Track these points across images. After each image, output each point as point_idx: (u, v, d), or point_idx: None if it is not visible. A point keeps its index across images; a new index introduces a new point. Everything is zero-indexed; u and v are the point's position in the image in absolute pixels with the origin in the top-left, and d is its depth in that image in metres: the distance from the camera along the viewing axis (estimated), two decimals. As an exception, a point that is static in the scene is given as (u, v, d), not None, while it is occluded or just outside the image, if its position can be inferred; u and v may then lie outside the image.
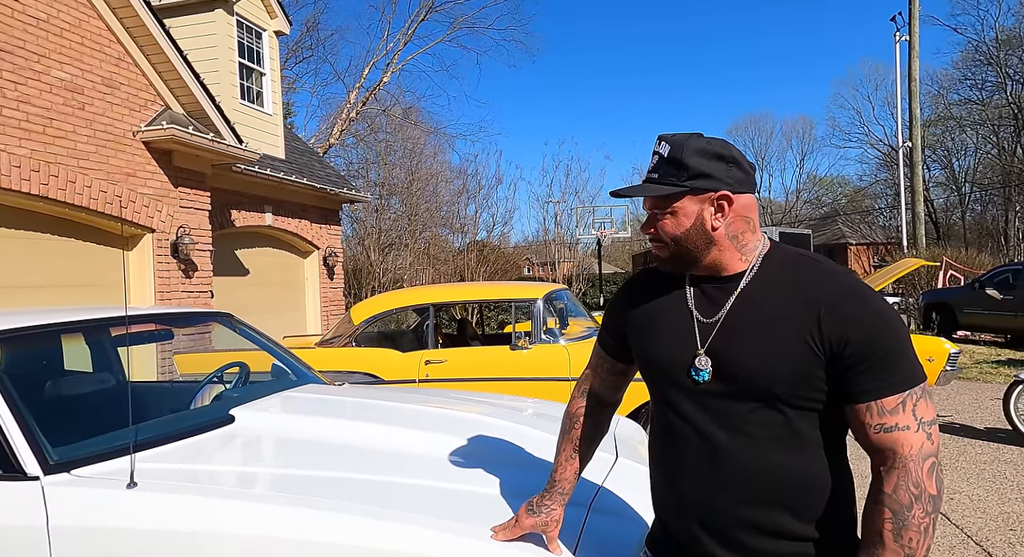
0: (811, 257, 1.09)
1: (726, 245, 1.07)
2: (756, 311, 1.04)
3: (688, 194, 1.05)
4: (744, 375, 1.02)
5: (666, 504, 1.15)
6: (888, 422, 0.96)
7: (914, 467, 0.95)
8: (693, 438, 1.08)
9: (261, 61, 9.08)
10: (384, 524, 1.41)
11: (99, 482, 1.60)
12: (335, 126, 14.73)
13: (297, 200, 9.23)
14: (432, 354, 4.38)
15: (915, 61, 12.88)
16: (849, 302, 0.99)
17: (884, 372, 0.97)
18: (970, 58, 32.54)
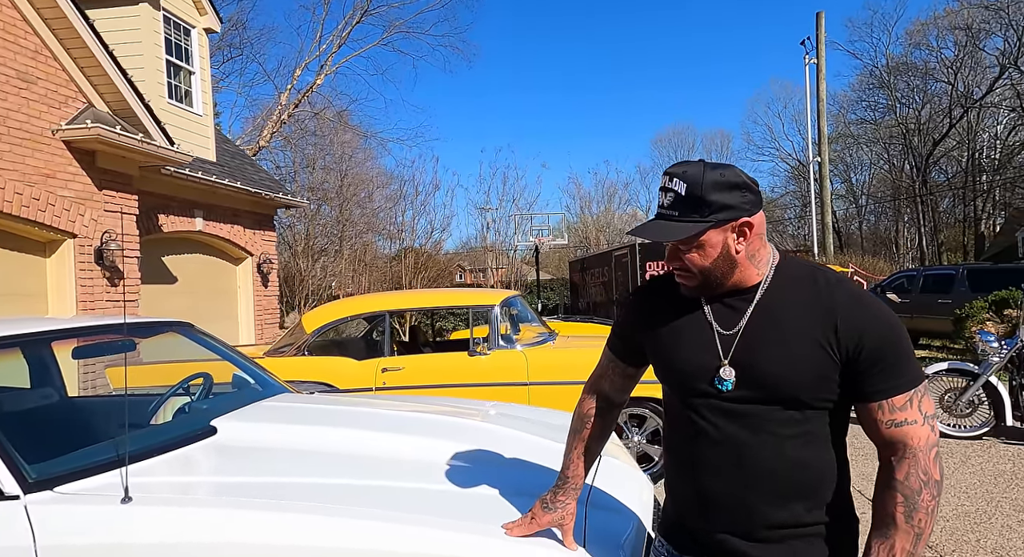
0: (818, 268, 1.17)
1: (746, 264, 1.14)
2: (774, 321, 1.11)
3: (712, 228, 1.10)
4: (770, 383, 1.09)
5: (687, 501, 1.20)
6: (898, 418, 1.07)
7: (923, 456, 1.06)
8: (717, 440, 1.13)
9: (190, 59, 8.68)
10: (402, 527, 1.44)
11: (89, 499, 1.54)
12: (265, 128, 14.21)
13: (229, 205, 8.86)
14: (389, 362, 4.36)
15: (823, 83, 14.03)
16: (862, 311, 1.08)
17: (894, 373, 1.07)
18: (865, 81, 35.63)
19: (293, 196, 10.24)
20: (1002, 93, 29.52)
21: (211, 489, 1.64)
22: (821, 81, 14.14)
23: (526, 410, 3.08)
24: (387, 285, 14.70)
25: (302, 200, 10.31)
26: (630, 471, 2.07)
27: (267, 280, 9.58)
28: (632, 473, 2.06)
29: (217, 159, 8.87)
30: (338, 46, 14.76)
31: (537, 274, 14.64)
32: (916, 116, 32.64)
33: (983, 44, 29.89)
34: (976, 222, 31.68)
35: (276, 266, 9.88)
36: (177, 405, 2.52)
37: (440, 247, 15.75)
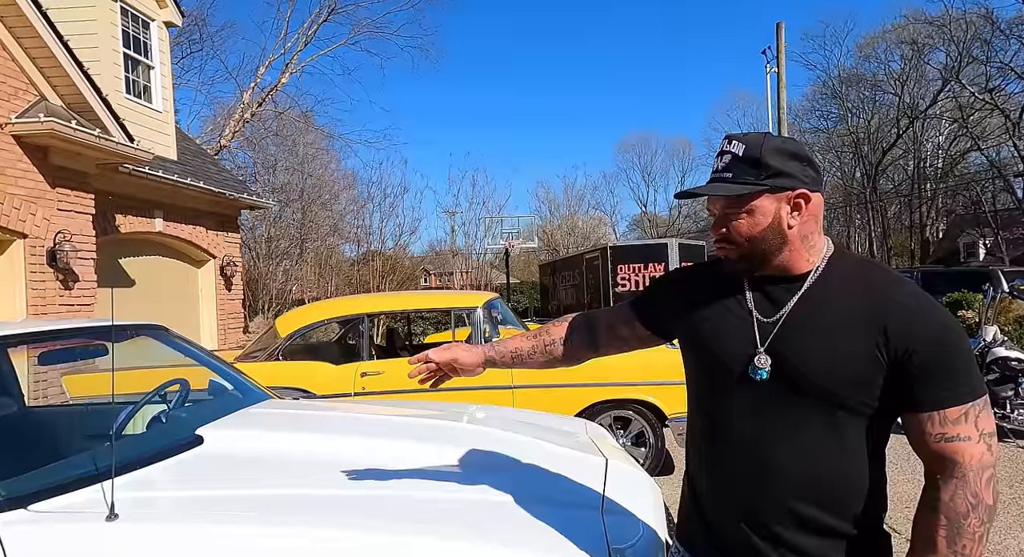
0: (877, 264, 1.10)
1: (797, 245, 1.06)
2: (819, 313, 1.03)
3: (767, 193, 1.03)
4: (806, 376, 1.01)
5: (707, 499, 1.14)
6: (950, 432, 0.97)
7: (973, 477, 0.96)
8: (741, 437, 1.07)
9: (149, 53, 8.33)
10: (398, 539, 1.37)
11: (70, 517, 1.41)
12: (226, 127, 13.74)
13: (191, 205, 8.52)
14: (368, 366, 4.23)
15: (783, 92, 14.47)
16: (917, 312, 0.99)
17: (949, 383, 0.97)
18: (819, 91, 36.95)
19: (258, 197, 9.93)
20: (945, 105, 31.01)
21: (202, 503, 1.52)
22: (782, 90, 14.58)
23: (514, 412, 3.03)
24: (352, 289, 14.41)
25: (269, 201, 10.00)
26: (639, 475, 2.03)
27: (231, 283, 9.25)
28: (641, 477, 2.02)
29: (178, 158, 8.53)
30: (304, 44, 14.46)
31: (507, 277, 14.60)
32: (866, 126, 34.00)
33: (927, 58, 31.36)
34: (922, 228, 33.13)
35: (240, 269, 9.55)
36: (151, 414, 2.37)
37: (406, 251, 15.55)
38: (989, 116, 28.66)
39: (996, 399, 4.90)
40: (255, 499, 1.56)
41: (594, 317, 1.35)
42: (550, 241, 31.23)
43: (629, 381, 4.12)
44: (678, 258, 10.75)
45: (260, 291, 13.09)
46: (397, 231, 14.66)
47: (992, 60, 27.78)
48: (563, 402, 4.05)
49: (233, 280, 9.28)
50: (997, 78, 27.83)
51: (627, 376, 4.14)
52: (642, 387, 4.12)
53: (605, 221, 38.11)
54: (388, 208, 14.67)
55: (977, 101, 28.03)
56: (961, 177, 31.29)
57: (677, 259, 10.73)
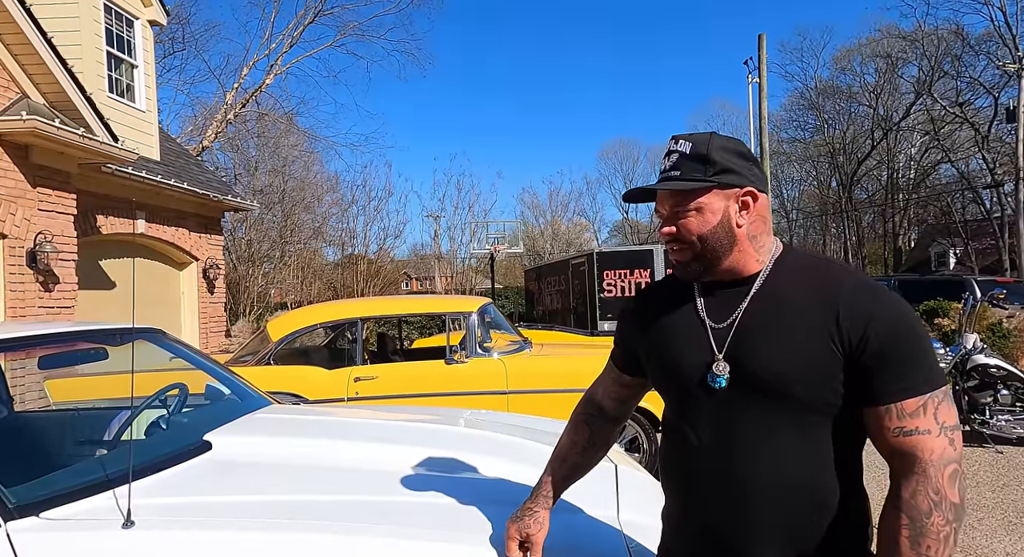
0: (826, 259, 1.07)
1: (746, 245, 1.03)
2: (771, 312, 1.00)
3: (715, 189, 1.01)
4: (766, 379, 0.97)
5: (677, 518, 1.11)
6: (908, 425, 0.92)
7: (934, 472, 0.90)
8: (708, 450, 1.03)
9: (133, 52, 8.19)
10: (423, 544, 1.37)
11: (84, 525, 1.38)
12: (208, 128, 13.54)
13: (174, 206, 8.38)
14: (362, 370, 4.20)
15: (764, 101, 14.76)
16: (868, 301, 0.96)
17: (904, 374, 0.93)
18: (796, 102, 37.74)
19: (241, 199, 9.80)
20: (917, 118, 31.86)
21: (218, 510, 1.50)
22: (763, 100, 14.86)
23: (516, 417, 3.02)
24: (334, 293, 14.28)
25: (253, 204, 9.88)
26: (649, 480, 2.04)
27: (213, 286, 9.11)
28: (651, 482, 2.03)
29: (161, 158, 8.39)
30: (289, 45, 14.32)
31: (492, 282, 14.59)
32: (842, 136, 34.76)
33: (901, 72, 32.22)
34: (895, 237, 33.92)
35: (223, 271, 9.41)
36: (149, 419, 2.32)
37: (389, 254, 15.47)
38: (959, 129, 29.52)
39: (976, 405, 5.04)
40: (271, 505, 1.54)
41: (594, 398, 1.31)
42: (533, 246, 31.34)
43: (623, 386, 4.14)
44: (663, 264, 10.87)
45: (241, 294, 12.89)
46: (382, 235, 14.58)
47: (962, 75, 28.65)
48: (558, 407, 4.05)
49: (216, 283, 9.14)
50: (967, 92, 28.72)
51: (621, 381, 4.17)
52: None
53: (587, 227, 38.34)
54: (372, 212, 14.60)
55: (948, 114, 28.87)
56: (932, 188, 32.15)
57: (662, 265, 10.84)
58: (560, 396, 4.12)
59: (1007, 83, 24.74)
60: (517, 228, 15.62)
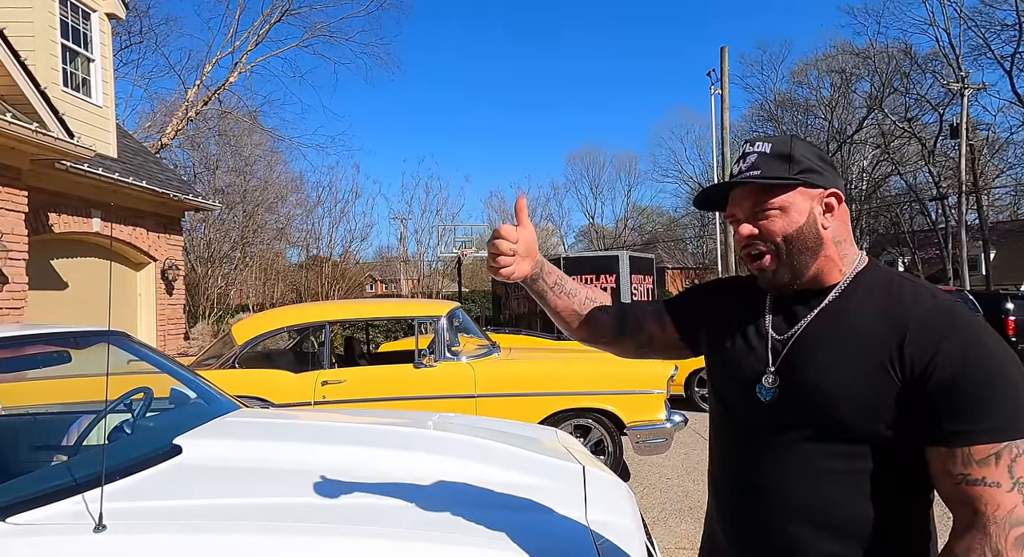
0: (910, 277, 0.97)
1: (832, 251, 0.96)
2: (834, 329, 0.93)
3: (800, 187, 0.95)
4: (814, 397, 0.91)
5: (714, 523, 1.08)
6: (974, 474, 0.82)
7: (995, 530, 0.80)
8: (743, 459, 1.00)
9: (90, 45, 7.93)
10: (401, 544, 1.40)
11: (54, 529, 1.36)
12: (168, 125, 13.15)
13: (132, 205, 8.14)
14: (329, 374, 4.17)
15: (726, 112, 15.18)
16: (943, 326, 0.86)
17: (977, 414, 0.82)
18: (756, 113, 38.92)
19: (203, 199, 9.57)
20: (869, 131, 33.21)
21: (191, 513, 1.50)
22: (725, 111, 15.29)
23: (484, 421, 3.06)
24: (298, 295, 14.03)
25: (215, 203, 9.65)
26: (615, 481, 2.11)
27: (172, 288, 8.87)
28: (617, 483, 2.10)
29: (118, 155, 8.13)
30: (255, 44, 14.02)
31: (459, 286, 14.58)
32: (799, 148, 35.83)
33: (854, 87, 33.57)
34: (848, 246, 35.26)
35: (183, 273, 9.17)
36: (114, 423, 2.28)
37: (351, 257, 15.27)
38: (908, 143, 30.91)
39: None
40: (244, 508, 1.54)
41: (629, 306, 1.22)
42: (500, 250, 31.35)
43: (589, 390, 4.23)
44: (628, 270, 11.06)
45: (200, 296, 12.56)
46: (348, 237, 14.41)
47: (910, 92, 30.03)
48: (526, 411, 4.11)
49: (175, 284, 8.90)
50: (915, 109, 30.11)
51: (587, 386, 4.25)
52: (602, 396, 4.24)
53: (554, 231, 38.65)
54: (338, 214, 14.41)
55: (897, 129, 30.21)
56: (883, 199, 33.55)
57: (628, 271, 11.04)
58: (529, 400, 4.18)
59: (951, 101, 26.04)
60: (485, 232, 15.64)
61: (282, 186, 16.97)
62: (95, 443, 2.18)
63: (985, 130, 28.19)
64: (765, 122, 38.40)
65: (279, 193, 16.69)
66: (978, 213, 25.61)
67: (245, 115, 14.91)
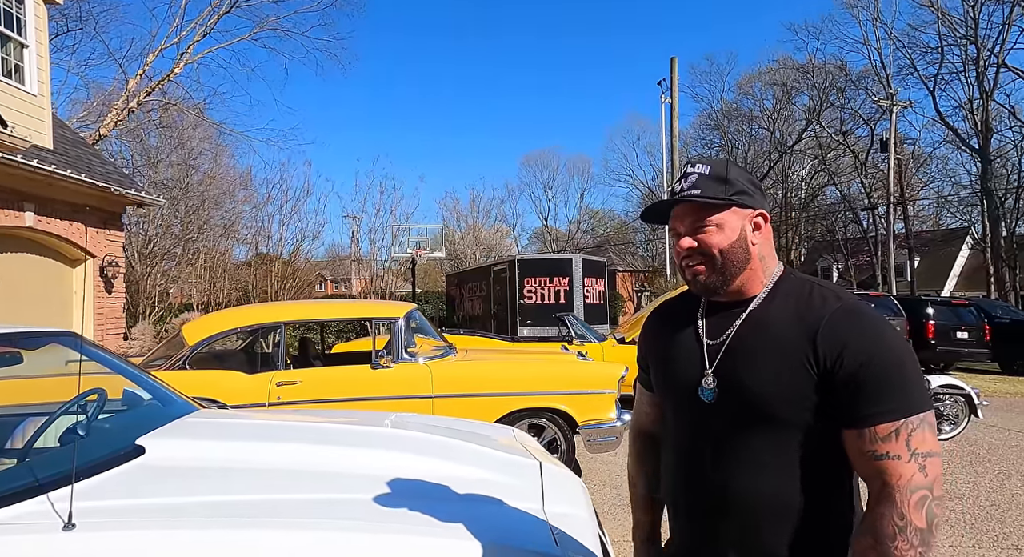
0: (820, 282, 1.09)
1: (757, 265, 1.09)
2: (759, 333, 1.05)
3: (735, 207, 1.07)
4: (748, 394, 1.03)
5: (673, 520, 1.18)
6: (879, 450, 0.94)
7: (900, 498, 0.92)
8: (693, 457, 1.09)
9: (23, 30, 7.54)
10: (362, 536, 1.46)
11: (21, 528, 1.36)
12: (107, 116, 12.52)
13: (69, 199, 7.77)
14: (284, 375, 4.14)
15: (676, 121, 15.70)
16: (847, 325, 0.98)
17: (879, 398, 0.94)
18: (704, 122, 40.23)
19: (147, 193, 9.22)
20: (808, 143, 34.86)
21: (159, 511, 1.52)
22: (675, 119, 15.80)
23: (442, 420, 3.13)
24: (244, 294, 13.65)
25: (159, 199, 9.30)
26: (570, 475, 2.22)
27: (112, 286, 8.51)
28: (572, 477, 2.21)
29: (54, 147, 7.75)
30: (202, 35, 13.52)
31: (413, 286, 14.49)
32: (744, 156, 37.36)
33: (794, 100, 35.17)
34: (788, 252, 36.86)
35: (123, 270, 8.81)
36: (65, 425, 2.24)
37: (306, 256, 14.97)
38: (842, 155, 32.63)
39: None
40: (212, 505, 1.57)
41: (642, 429, 1.33)
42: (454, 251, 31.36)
43: (543, 391, 4.35)
44: (582, 273, 11.30)
45: (140, 294, 12.06)
46: (299, 235, 14.10)
47: (845, 106, 31.73)
48: (482, 411, 4.20)
49: (115, 282, 8.55)
50: (849, 122, 31.85)
51: (541, 386, 4.38)
52: (555, 396, 4.37)
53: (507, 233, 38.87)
54: (290, 211, 14.09)
55: (833, 141, 31.85)
56: (820, 208, 35.29)
57: (581, 273, 11.27)
58: (485, 400, 4.26)
59: (881, 116, 27.64)
60: (440, 232, 15.64)
61: (229, 181, 16.45)
62: (44, 445, 2.14)
63: (911, 145, 30.10)
64: (712, 130, 39.74)
65: (226, 188, 16.17)
66: (904, 223, 27.32)
67: (190, 107, 14.38)
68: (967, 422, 6.11)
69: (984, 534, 3.74)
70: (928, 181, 31.81)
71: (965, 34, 26.61)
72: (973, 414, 6.03)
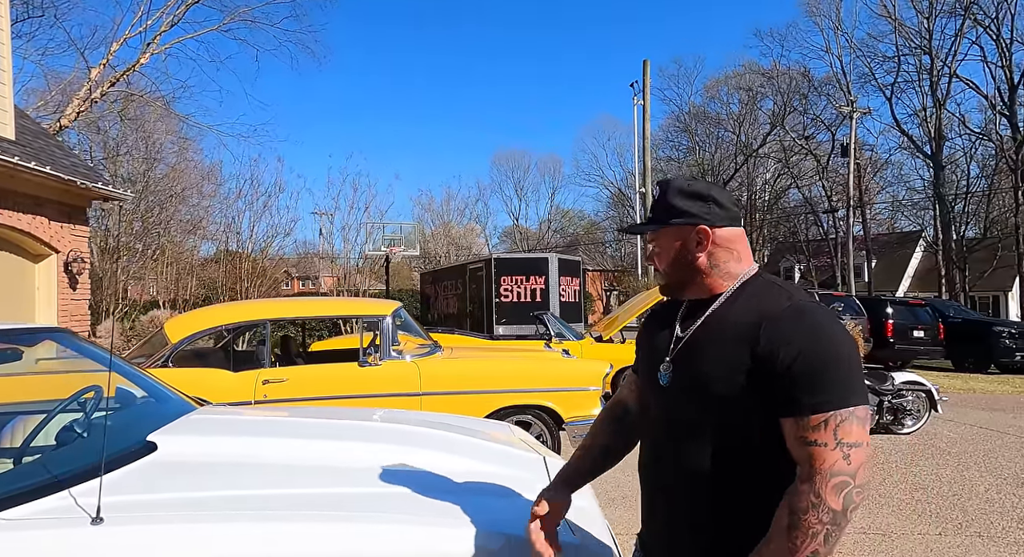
0: (783, 284, 1.17)
1: (709, 272, 1.19)
2: (717, 326, 1.15)
3: (669, 228, 1.20)
4: (694, 380, 1.13)
5: (641, 496, 1.28)
6: (810, 437, 1.01)
7: (820, 480, 1.00)
8: (653, 439, 1.22)
9: (-16, 15, 7.23)
10: (386, 528, 1.49)
11: (50, 522, 1.36)
12: (68, 106, 12.04)
13: (31, 192, 7.49)
14: (270, 373, 4.10)
15: (648, 123, 15.96)
16: (790, 323, 1.06)
17: (811, 390, 1.02)
18: (672, 124, 40.93)
19: (113, 187, 8.95)
20: (772, 146, 35.81)
21: (184, 505, 1.52)
22: (647, 121, 16.07)
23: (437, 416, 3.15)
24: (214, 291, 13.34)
25: (126, 193, 9.03)
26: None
27: (76, 282, 8.23)
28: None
29: (16, 138, 7.46)
30: (169, 24, 13.10)
31: (387, 284, 14.38)
32: (711, 158, 38.17)
33: (760, 104, 36.09)
34: (753, 253, 37.87)
35: (88, 266, 8.54)
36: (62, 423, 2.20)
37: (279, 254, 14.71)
38: (805, 159, 33.63)
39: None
40: (233, 499, 1.57)
41: (621, 399, 1.42)
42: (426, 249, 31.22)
43: (531, 388, 4.41)
44: (557, 272, 11.41)
45: (103, 292, 11.68)
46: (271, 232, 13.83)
47: (808, 112, 32.71)
48: (470, 408, 4.24)
49: (80, 278, 8.27)
50: (811, 127, 32.84)
51: (528, 383, 4.44)
52: (542, 393, 4.43)
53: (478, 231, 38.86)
54: (261, 207, 13.81)
55: (796, 145, 32.80)
56: (783, 210, 36.29)
57: (557, 272, 11.38)
58: (473, 397, 4.30)
59: (842, 122, 28.59)
60: (414, 230, 15.51)
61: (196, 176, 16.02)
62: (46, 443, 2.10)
63: (869, 151, 31.21)
64: (680, 132, 40.46)
65: (192, 183, 15.76)
66: (863, 226, 28.32)
67: (156, 99, 13.96)
68: (928, 417, 6.42)
69: (949, 522, 3.95)
70: (884, 185, 33.05)
71: (920, 45, 27.75)
72: (933, 409, 6.33)
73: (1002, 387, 10.62)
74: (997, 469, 5.21)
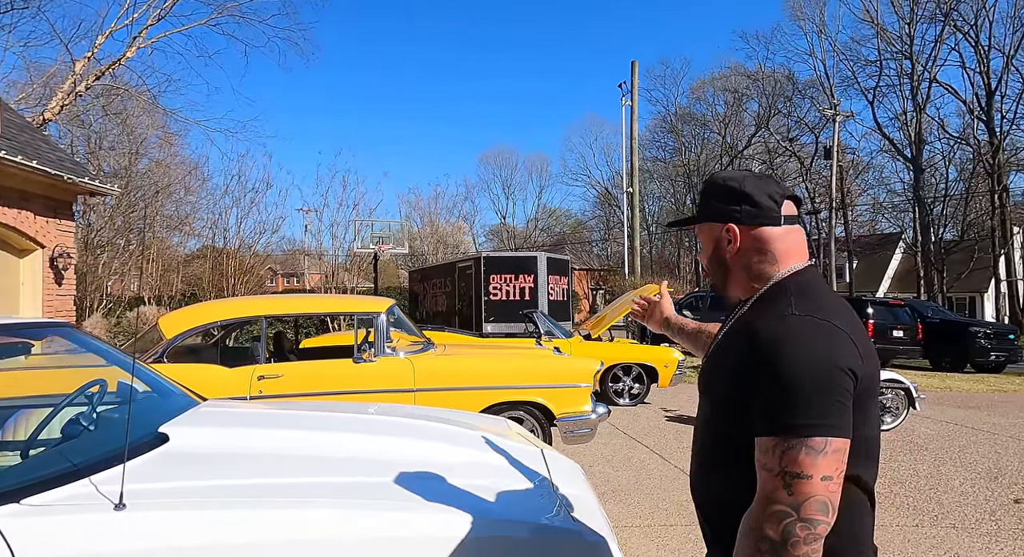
0: (795, 294, 1.09)
1: (739, 273, 1.16)
2: (731, 332, 1.15)
3: (704, 225, 1.20)
4: (704, 383, 1.19)
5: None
6: (760, 458, 0.99)
7: (759, 505, 0.97)
8: (697, 422, 1.25)
9: (-30, 6, 7.14)
10: (394, 514, 1.56)
11: (74, 508, 1.40)
12: (53, 100, 11.86)
13: (16, 186, 7.40)
14: (265, 369, 4.13)
15: (635, 123, 16.10)
16: (763, 341, 1.01)
17: (766, 412, 0.99)
18: (659, 125, 41.27)
19: (100, 182, 8.86)
20: (756, 148, 36.27)
21: (202, 492, 1.57)
22: (634, 122, 16.22)
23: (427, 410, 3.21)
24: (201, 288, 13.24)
25: (113, 188, 8.94)
26: (571, 462, 2.37)
27: (62, 277, 8.15)
28: (573, 463, 2.36)
29: (2, 131, 7.37)
30: (156, 18, 12.94)
31: (376, 282, 14.37)
32: (696, 159, 38.53)
33: (745, 106, 36.52)
34: (737, 252, 38.28)
35: (74, 261, 8.46)
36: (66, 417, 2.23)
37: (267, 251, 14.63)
38: (788, 160, 34.11)
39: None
40: (249, 488, 1.63)
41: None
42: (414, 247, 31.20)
43: (523, 385, 4.49)
44: (546, 270, 11.49)
45: (89, 287, 11.55)
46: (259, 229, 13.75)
47: (792, 114, 33.18)
48: (463, 404, 4.29)
49: (65, 273, 8.19)
50: (795, 130, 33.31)
51: (521, 380, 4.51)
52: (534, 390, 4.51)
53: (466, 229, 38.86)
54: (248, 204, 13.72)
55: (780, 147, 33.25)
56: (766, 211, 36.68)
57: (546, 271, 11.46)
58: (466, 393, 4.37)
59: (825, 125, 29.04)
60: (402, 228, 15.51)
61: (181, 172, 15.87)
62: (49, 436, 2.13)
63: (851, 153, 31.76)
64: (667, 133, 40.80)
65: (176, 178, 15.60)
66: (845, 227, 28.80)
67: (141, 92, 13.79)
68: (906, 414, 6.61)
69: (925, 514, 4.10)
70: (866, 188, 33.63)
71: (901, 50, 28.26)
72: (912, 406, 6.52)
73: (977, 386, 10.93)
74: (971, 464, 5.39)
